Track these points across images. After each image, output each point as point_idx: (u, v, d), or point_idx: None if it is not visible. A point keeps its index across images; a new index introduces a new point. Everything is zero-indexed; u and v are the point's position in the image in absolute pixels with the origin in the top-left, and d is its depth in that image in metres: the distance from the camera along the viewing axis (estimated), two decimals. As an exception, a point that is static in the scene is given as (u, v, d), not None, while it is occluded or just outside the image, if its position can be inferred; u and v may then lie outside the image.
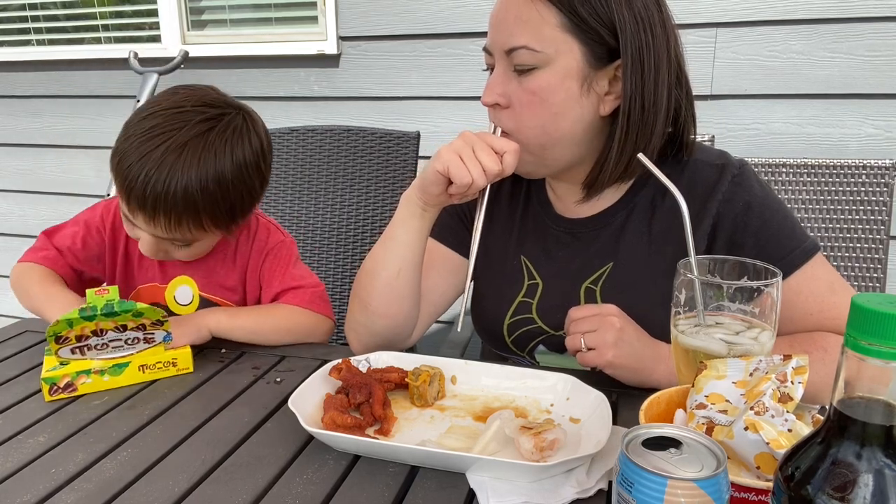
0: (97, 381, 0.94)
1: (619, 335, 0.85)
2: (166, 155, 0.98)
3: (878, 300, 0.39)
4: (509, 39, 0.88)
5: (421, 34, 2.10)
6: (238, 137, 1.04)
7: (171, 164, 0.98)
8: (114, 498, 0.69)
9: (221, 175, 1.01)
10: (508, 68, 0.91)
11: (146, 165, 0.97)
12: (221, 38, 2.36)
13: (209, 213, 1.02)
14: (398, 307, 0.99)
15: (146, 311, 0.94)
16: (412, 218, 0.95)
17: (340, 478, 0.72)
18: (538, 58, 0.87)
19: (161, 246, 1.07)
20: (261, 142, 1.08)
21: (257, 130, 1.08)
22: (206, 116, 1.02)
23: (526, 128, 0.91)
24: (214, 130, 1.02)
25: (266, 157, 1.09)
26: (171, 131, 0.99)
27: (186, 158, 0.98)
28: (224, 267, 1.19)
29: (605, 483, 0.68)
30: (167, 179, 0.97)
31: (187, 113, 1.01)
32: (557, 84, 0.88)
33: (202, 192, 0.99)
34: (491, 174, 0.87)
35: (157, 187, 0.97)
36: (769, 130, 1.86)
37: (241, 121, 1.06)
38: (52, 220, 2.70)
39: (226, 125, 1.03)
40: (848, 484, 0.40)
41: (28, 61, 2.59)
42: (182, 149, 0.98)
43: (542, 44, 0.87)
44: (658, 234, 0.97)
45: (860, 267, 1.33)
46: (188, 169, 0.98)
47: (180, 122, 1.00)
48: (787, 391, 0.59)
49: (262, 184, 1.09)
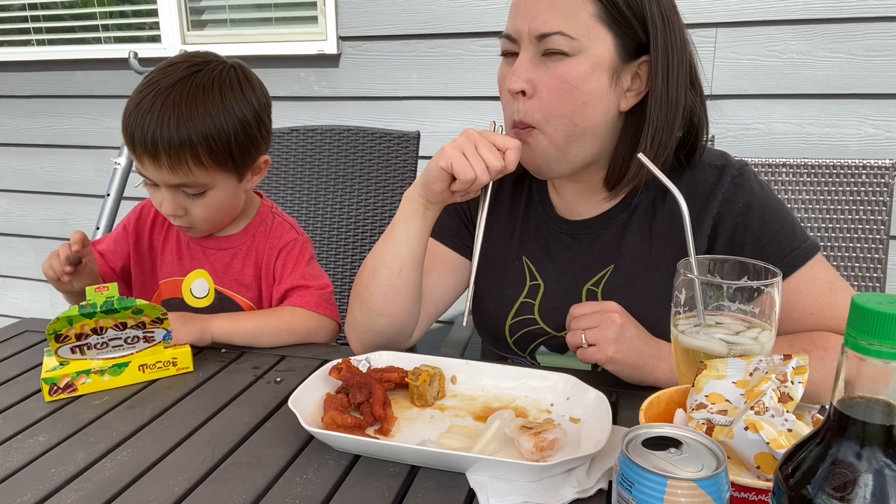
0: (97, 381, 0.94)
1: (620, 331, 0.85)
2: (157, 97, 1.06)
3: (878, 300, 0.39)
4: (543, 25, 0.87)
5: (421, 34, 2.10)
6: (226, 78, 1.11)
7: (161, 102, 1.06)
8: (114, 498, 0.69)
9: (210, 108, 1.07)
10: (536, 55, 0.89)
11: (141, 110, 1.06)
12: (221, 38, 2.36)
13: (205, 146, 1.07)
14: (399, 306, 0.99)
15: (146, 308, 0.94)
16: (414, 216, 0.95)
17: (340, 478, 0.72)
18: (573, 45, 0.87)
19: (177, 200, 1.11)
20: (252, 86, 1.14)
21: (248, 77, 1.15)
22: (193, 64, 1.11)
23: (554, 116, 0.90)
24: (202, 72, 1.10)
25: (259, 100, 1.14)
26: (163, 79, 1.09)
27: (175, 96, 1.06)
28: (239, 262, 1.22)
29: (605, 483, 0.68)
30: (160, 116, 1.05)
31: (178, 65, 1.11)
32: (588, 73, 0.88)
33: (194, 125, 1.05)
34: (494, 170, 0.86)
35: (152, 124, 1.05)
36: (769, 130, 1.86)
37: (228, 68, 1.13)
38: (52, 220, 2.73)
39: (212, 69, 1.11)
40: (848, 484, 0.40)
41: (28, 61, 2.59)
42: (171, 89, 1.07)
43: (578, 31, 0.86)
44: (659, 235, 0.97)
45: (860, 267, 1.33)
46: (178, 105, 1.06)
47: (170, 71, 1.10)
48: (787, 391, 0.59)
49: (258, 125, 1.14)
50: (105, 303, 0.93)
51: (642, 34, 0.88)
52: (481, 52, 2.06)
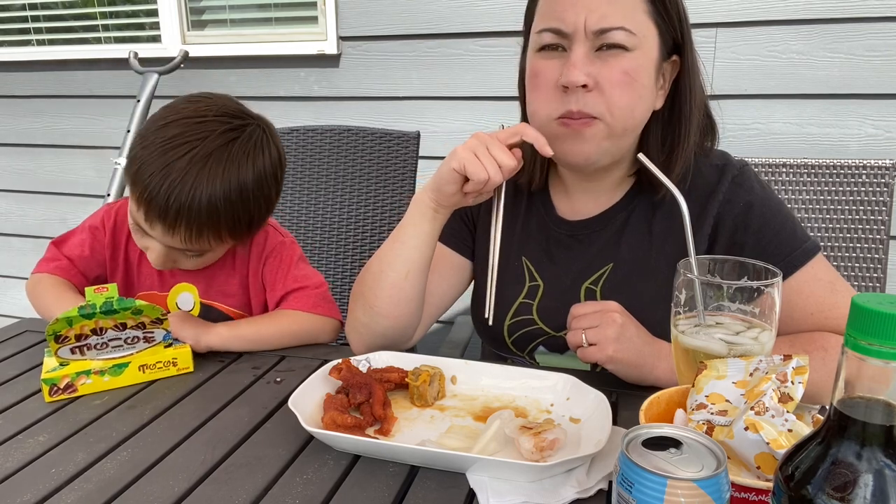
0: (97, 382, 0.94)
1: (620, 330, 0.85)
2: (191, 166, 0.97)
3: (878, 300, 0.39)
4: (602, 19, 0.87)
5: (421, 34, 2.10)
6: (259, 149, 1.04)
7: (195, 174, 0.97)
8: (114, 498, 0.69)
9: (243, 186, 1.01)
10: (591, 49, 0.89)
11: (170, 175, 0.96)
12: (221, 38, 2.36)
13: (229, 224, 1.02)
14: (404, 309, 0.98)
15: (145, 309, 0.94)
16: (423, 220, 0.95)
17: (340, 478, 0.72)
18: (633, 40, 0.87)
19: (171, 256, 1.07)
20: (279, 152, 1.09)
21: (275, 141, 1.09)
22: (230, 127, 1.02)
23: (617, 108, 0.89)
24: (237, 141, 1.01)
25: (282, 167, 1.10)
26: (195, 141, 0.98)
27: (211, 169, 0.98)
28: (223, 272, 1.18)
29: (605, 483, 0.68)
30: (191, 191, 0.97)
31: (209, 123, 1.01)
32: (645, 68, 0.89)
33: (225, 203, 0.99)
34: (507, 170, 0.87)
35: (181, 198, 0.96)
36: (769, 130, 1.86)
37: (260, 132, 1.06)
38: (52, 220, 2.72)
39: (248, 136, 1.03)
40: (848, 484, 0.40)
41: (28, 61, 2.59)
42: (206, 159, 0.98)
43: (637, 26, 0.88)
44: (658, 234, 0.97)
45: (860, 267, 1.33)
46: (213, 179, 0.98)
47: (204, 131, 0.99)
48: (787, 391, 0.59)
49: (277, 194, 1.10)
50: (105, 303, 0.93)
51: (679, 33, 0.91)
52: (481, 52, 2.06)
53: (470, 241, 1.11)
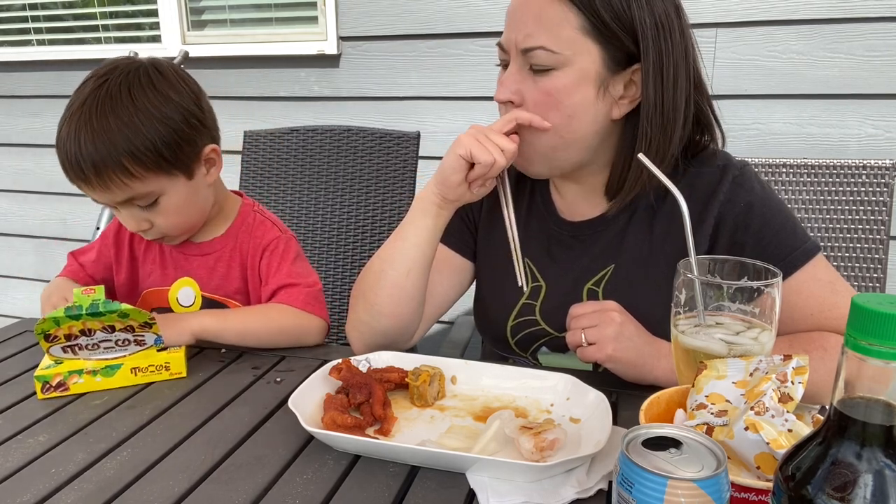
0: (89, 382, 0.94)
1: (619, 330, 0.86)
2: (71, 118, 1.04)
3: (878, 300, 0.39)
4: (527, 39, 0.88)
5: (421, 34, 2.10)
6: (135, 81, 1.06)
7: (76, 123, 1.03)
8: (114, 498, 0.69)
9: (123, 117, 1.03)
10: (524, 66, 0.90)
11: (61, 136, 1.04)
12: (221, 38, 2.36)
13: (129, 157, 1.02)
14: (405, 307, 0.98)
15: (131, 313, 0.93)
16: (426, 217, 0.95)
17: (340, 478, 0.72)
18: (555, 59, 0.87)
19: (135, 215, 1.09)
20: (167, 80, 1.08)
21: (161, 72, 1.09)
22: (100, 74, 1.07)
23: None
24: (108, 82, 1.05)
25: (180, 92, 1.08)
26: (76, 99, 1.06)
27: (86, 113, 1.03)
28: (224, 265, 1.19)
29: (605, 483, 0.68)
30: (77, 138, 1.02)
31: (87, 81, 1.07)
32: (573, 86, 0.88)
33: (108, 137, 1.01)
34: (509, 153, 0.89)
35: (73, 148, 1.02)
36: (769, 130, 1.86)
37: (136, 69, 1.08)
38: (52, 220, 2.72)
39: (118, 74, 1.06)
40: (848, 484, 0.40)
41: (28, 61, 2.59)
42: (82, 108, 1.04)
43: (561, 45, 0.87)
44: (659, 234, 0.97)
45: (860, 267, 1.33)
46: (89, 123, 1.02)
47: (81, 88, 1.07)
48: (787, 391, 0.59)
49: (186, 118, 1.07)
50: (91, 305, 0.92)
51: (631, 44, 0.87)
52: (481, 52, 2.06)
53: (471, 243, 1.11)
